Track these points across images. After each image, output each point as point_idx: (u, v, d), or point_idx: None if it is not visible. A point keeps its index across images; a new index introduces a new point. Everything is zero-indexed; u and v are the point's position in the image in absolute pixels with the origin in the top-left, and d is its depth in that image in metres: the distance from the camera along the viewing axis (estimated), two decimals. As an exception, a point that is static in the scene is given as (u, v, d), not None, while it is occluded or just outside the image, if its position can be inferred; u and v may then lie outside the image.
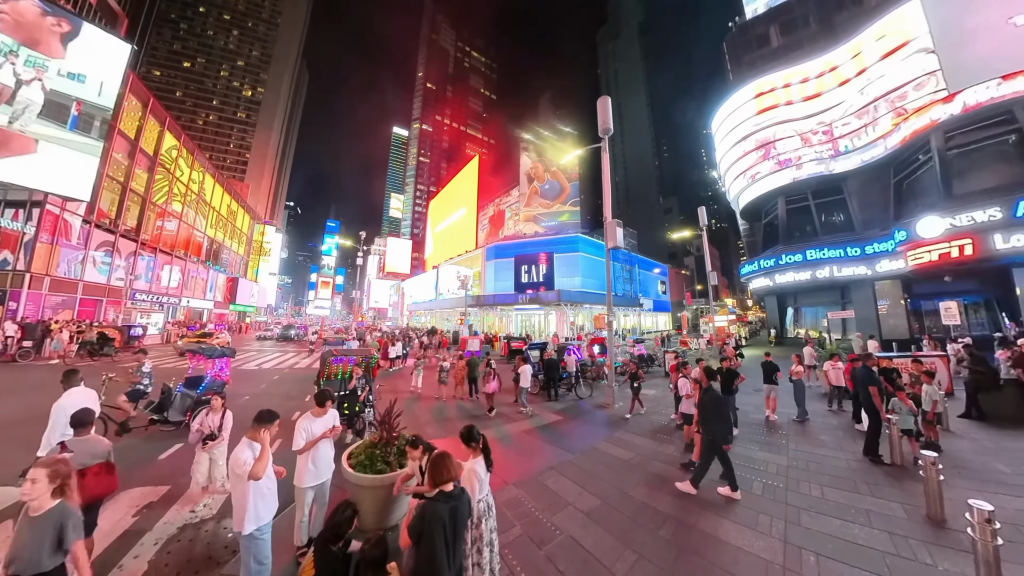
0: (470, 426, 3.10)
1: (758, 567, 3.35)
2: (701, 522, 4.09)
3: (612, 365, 10.27)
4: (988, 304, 16.56)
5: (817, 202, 21.90)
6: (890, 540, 3.73)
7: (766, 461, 5.83)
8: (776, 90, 23.22)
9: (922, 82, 17.72)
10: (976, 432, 6.95)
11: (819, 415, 8.40)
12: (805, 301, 24.17)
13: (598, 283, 30.65)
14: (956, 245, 14.52)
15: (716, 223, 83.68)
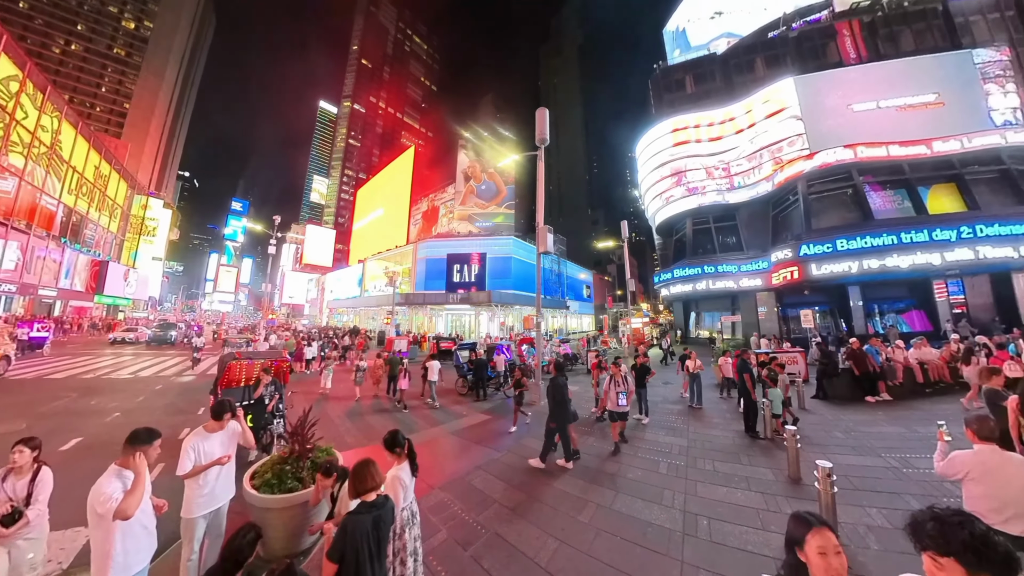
0: (394, 431, 2.96)
1: (663, 536, 3.82)
2: (617, 503, 4.50)
3: (540, 363, 10.64)
4: (832, 312, 20.79)
5: (716, 225, 25.37)
6: (762, 499, 4.56)
7: (671, 444, 6.64)
8: (689, 128, 26.53)
9: (793, 140, 21.81)
10: (823, 409, 8.68)
11: (712, 402, 9.75)
12: (704, 307, 27.86)
13: (529, 285, 31.59)
14: (789, 271, 19.02)
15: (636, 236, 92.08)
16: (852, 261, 17.39)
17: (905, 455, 5.67)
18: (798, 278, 18.69)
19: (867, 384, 9.09)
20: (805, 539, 1.30)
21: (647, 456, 6.04)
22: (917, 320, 19.00)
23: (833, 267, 17.84)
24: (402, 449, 2.86)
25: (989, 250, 16.16)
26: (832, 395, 9.40)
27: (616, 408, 6.28)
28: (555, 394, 5.80)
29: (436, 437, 7.20)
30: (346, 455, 3.42)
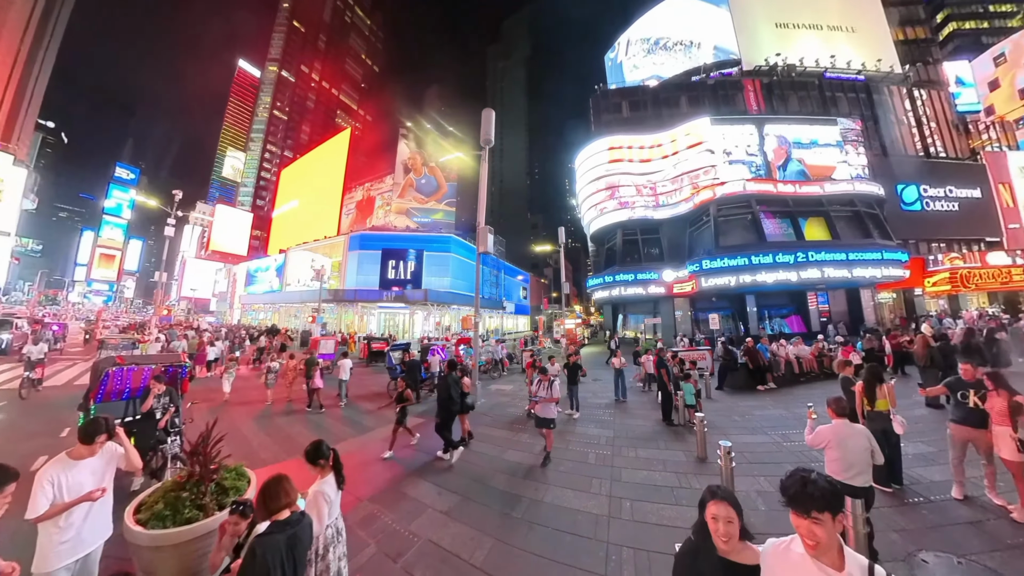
0: (317, 442, 2.70)
1: (591, 521, 4.10)
2: (549, 495, 4.69)
3: (476, 364, 10.61)
4: (734, 316, 23.93)
5: (643, 237, 27.75)
6: (676, 478, 5.18)
7: (599, 435, 7.13)
8: (623, 148, 28.81)
9: (708, 170, 24.89)
10: (724, 399, 10.01)
11: (635, 394, 10.69)
12: (631, 310, 30.20)
13: (466, 285, 31.41)
14: (689, 283, 22.58)
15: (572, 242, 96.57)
16: (731, 276, 20.95)
17: (785, 432, 6.86)
18: (694, 290, 22.36)
19: (758, 375, 10.78)
20: (707, 504, 1.56)
21: (577, 448, 6.41)
22: (796, 323, 22.80)
23: (716, 280, 21.39)
24: (327, 461, 2.63)
25: (838, 272, 20.44)
26: (732, 386, 10.93)
27: (544, 415, 6.15)
28: (440, 390, 6.24)
29: (365, 444, 6.80)
30: (261, 473, 3.04)
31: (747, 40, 31.49)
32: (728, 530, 1.49)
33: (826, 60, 30.99)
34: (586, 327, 39.05)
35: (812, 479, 1.44)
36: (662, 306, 25.81)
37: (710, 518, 1.54)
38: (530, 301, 54.17)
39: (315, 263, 26.98)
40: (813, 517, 1.36)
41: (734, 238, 22.83)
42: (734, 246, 22.00)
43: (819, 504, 1.36)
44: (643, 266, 26.15)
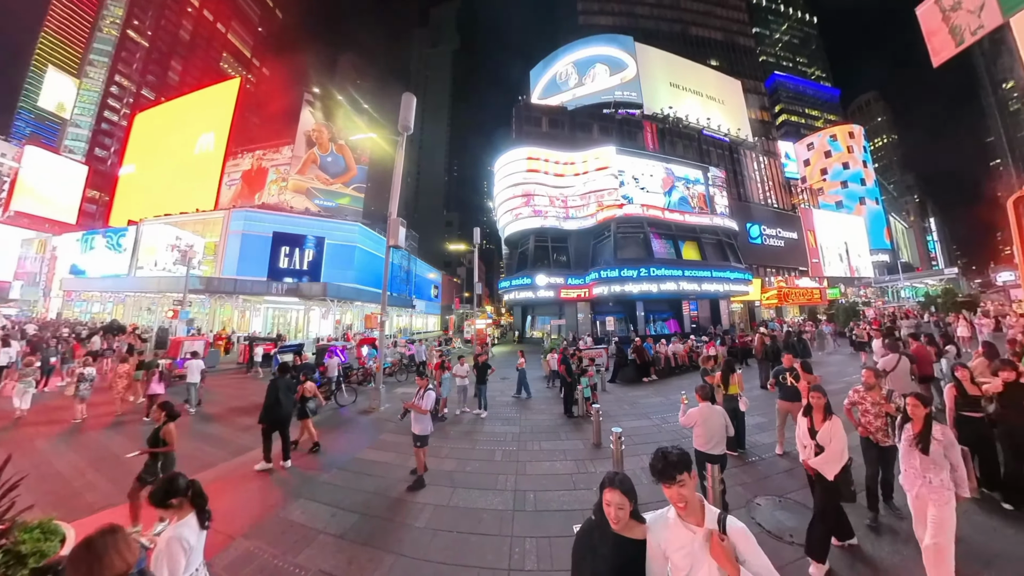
0: (170, 476, 2.17)
1: (496, 518, 4.13)
2: (454, 498, 4.60)
3: (381, 366, 9.90)
4: (626, 319, 26.99)
5: (553, 245, 29.58)
6: (575, 465, 5.57)
7: (506, 432, 7.25)
8: (540, 160, 30.47)
9: (611, 191, 28.09)
10: (616, 390, 11.16)
11: (542, 391, 11.24)
12: (538, 311, 31.79)
13: (373, 280, 29.23)
14: (584, 289, 25.40)
15: (486, 243, 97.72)
16: (626, 284, 23.88)
17: (664, 415, 7.99)
18: (589, 296, 25.52)
19: (644, 369, 12.40)
20: (603, 491, 1.69)
21: (485, 447, 6.42)
22: (673, 326, 26.92)
23: (613, 287, 24.12)
24: (184, 497, 2.09)
25: (706, 286, 25.07)
26: (623, 379, 12.32)
27: (416, 430, 5.07)
28: (268, 393, 5.71)
29: (236, 468, 5.61)
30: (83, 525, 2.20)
31: (648, 91, 38.68)
32: (618, 515, 1.64)
33: (704, 120, 40.18)
34: (496, 327, 39.82)
35: (668, 451, 1.70)
36: (567, 309, 27.79)
37: (605, 503, 1.67)
38: (441, 300, 53.08)
39: (181, 242, 21.22)
40: (678, 481, 1.62)
41: (629, 252, 25.92)
42: (629, 259, 25.03)
43: (679, 468, 1.63)
44: (552, 271, 27.75)
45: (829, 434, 3.27)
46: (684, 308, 27.20)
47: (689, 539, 1.62)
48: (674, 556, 1.64)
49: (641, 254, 25.81)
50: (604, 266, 24.72)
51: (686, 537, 1.63)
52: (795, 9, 76.04)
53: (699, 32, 53.02)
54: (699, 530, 1.61)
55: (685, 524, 1.65)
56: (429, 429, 5.12)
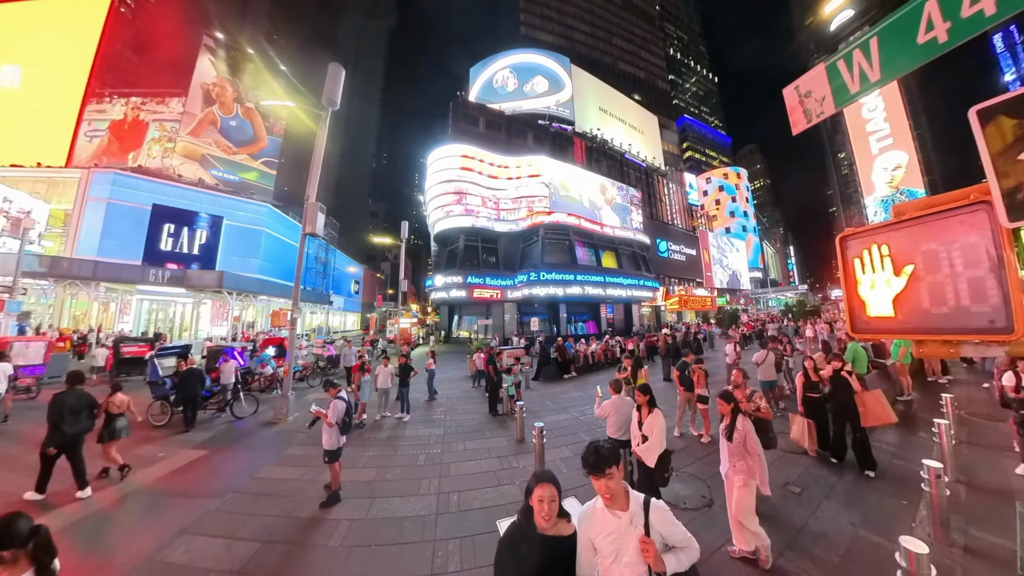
0: (7, 518, 1.62)
1: (419, 525, 4.00)
2: (373, 510, 4.32)
3: (291, 371, 8.76)
4: (549, 320, 28.13)
5: (483, 245, 29.59)
6: (499, 462, 5.64)
7: (430, 435, 7.04)
8: (475, 160, 30.34)
9: (541, 199, 29.39)
10: (540, 388, 11.60)
11: (467, 390, 11.16)
12: (465, 311, 31.57)
13: (283, 271, 26.27)
14: (497, 291, 26.18)
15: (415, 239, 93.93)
16: (551, 287, 24.89)
17: (582, 409, 8.53)
18: (500, 297, 26.25)
19: (565, 367, 13.19)
20: (533, 490, 1.71)
21: (407, 452, 6.16)
22: (592, 327, 28.86)
23: (539, 290, 24.89)
24: (19, 550, 1.60)
25: (621, 292, 27.43)
26: (546, 377, 12.89)
27: (330, 446, 4.56)
28: (50, 412, 4.52)
29: (104, 504, 4.50)
30: None
31: (580, 111, 41.52)
32: (551, 508, 1.68)
33: (626, 146, 44.60)
34: (422, 327, 38.44)
35: (600, 446, 1.77)
36: (494, 309, 28.05)
37: (536, 500, 1.69)
38: (362, 297, 49.73)
39: (9, 205, 15.85)
40: (607, 474, 1.70)
41: (555, 257, 27.18)
42: (555, 264, 26.23)
43: (609, 462, 1.71)
44: (481, 271, 27.77)
45: (651, 426, 3.73)
46: (602, 311, 29.47)
47: (615, 524, 1.72)
48: (601, 543, 1.72)
49: (566, 259, 27.31)
50: (532, 269, 25.54)
51: (613, 523, 1.72)
52: (702, 67, 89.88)
53: (626, 68, 60.32)
54: (624, 515, 1.72)
55: (612, 512, 1.74)
56: (339, 442, 4.60)
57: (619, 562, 1.68)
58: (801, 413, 5.49)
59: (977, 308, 1.47)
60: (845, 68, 2.04)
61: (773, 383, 7.38)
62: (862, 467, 4.86)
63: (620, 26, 63.23)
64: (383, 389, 8.27)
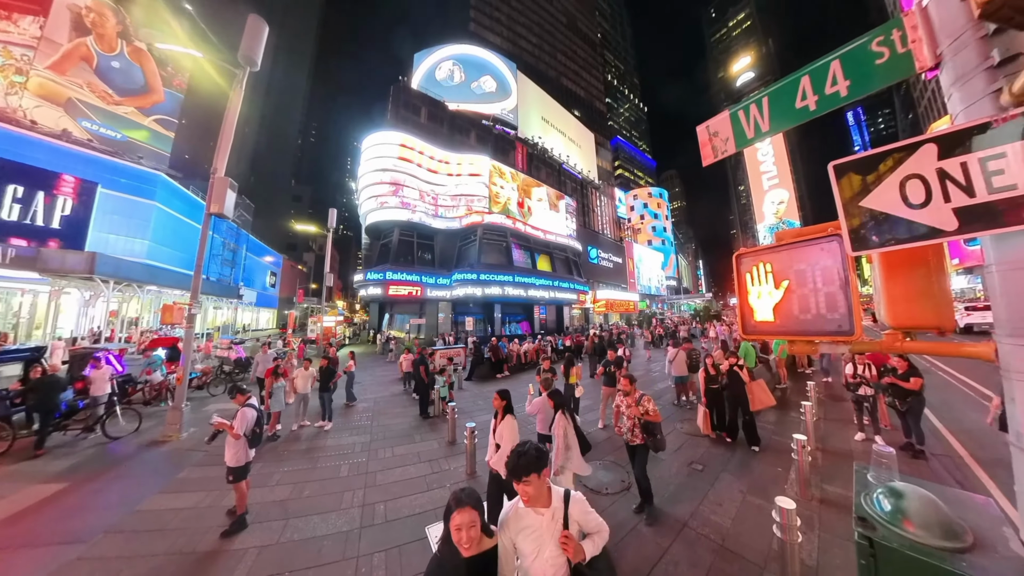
0: None
1: (340, 542, 3.72)
2: (287, 533, 3.92)
3: (185, 377, 7.35)
4: (484, 320, 28.23)
5: (419, 241, 28.67)
6: (429, 466, 5.51)
7: (354, 443, 6.61)
8: (415, 151, 29.14)
9: (481, 198, 29.49)
10: (472, 388, 11.61)
11: (398, 394, 10.68)
12: (398, 309, 30.21)
13: (181, 257, 22.63)
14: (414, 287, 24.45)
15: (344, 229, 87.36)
16: (487, 287, 25.09)
17: (515, 407, 8.54)
18: (419, 295, 24.87)
19: (498, 366, 13.45)
20: (451, 516, 1.63)
21: (328, 464, 5.69)
22: (525, 327, 29.63)
23: (475, 289, 24.87)
24: None
25: (555, 294, 28.58)
26: (479, 376, 12.99)
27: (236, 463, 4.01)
28: None
29: None
30: None
31: (524, 118, 42.59)
32: (471, 535, 1.60)
33: (564, 157, 46.44)
34: (348, 325, 35.94)
35: (523, 452, 1.78)
36: (427, 308, 27.28)
37: (454, 528, 1.60)
38: (280, 291, 44.88)
39: None
40: (524, 481, 1.73)
41: (492, 258, 27.45)
42: (492, 264, 26.50)
43: (527, 470, 1.72)
44: (416, 268, 26.88)
45: (502, 434, 3.70)
46: (535, 312, 30.46)
47: (538, 522, 1.76)
48: (523, 543, 1.75)
49: (503, 261, 27.74)
50: (469, 268, 25.50)
51: (535, 521, 1.77)
52: (635, 96, 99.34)
53: (569, 85, 63.70)
54: (546, 511, 1.78)
55: (534, 510, 1.78)
56: (248, 457, 4.05)
57: (540, 558, 1.72)
58: (704, 404, 6.37)
59: (830, 315, 1.88)
60: (744, 117, 2.43)
61: (685, 378, 8.40)
62: (750, 443, 5.87)
63: (565, 44, 66.25)
64: (301, 395, 7.58)
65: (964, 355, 1.59)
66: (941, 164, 1.47)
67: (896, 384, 5.41)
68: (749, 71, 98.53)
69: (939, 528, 1.63)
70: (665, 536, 3.67)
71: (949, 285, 1.77)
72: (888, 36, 1.81)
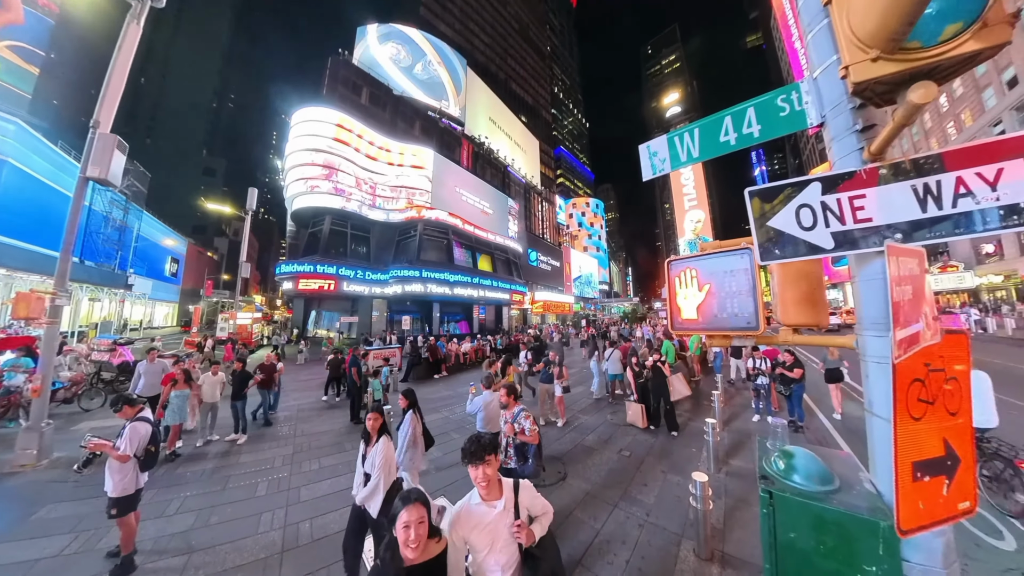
0: None
1: (256, 572, 3.33)
2: (189, 571, 3.36)
3: (45, 388, 5.91)
4: (422, 319, 27.45)
5: (353, 232, 26.77)
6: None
7: (274, 457, 5.95)
8: (353, 134, 27.01)
9: (423, 192, 28.80)
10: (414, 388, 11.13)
11: (325, 399, 9.88)
12: (326, 307, 27.87)
13: (41, 231, 18.43)
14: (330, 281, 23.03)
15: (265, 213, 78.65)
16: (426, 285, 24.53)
17: (452, 407, 8.71)
18: (334, 289, 23.19)
19: (436, 366, 13.27)
20: (399, 515, 1.57)
21: (242, 483, 5.03)
22: (464, 327, 29.52)
23: (414, 287, 24.15)
24: None
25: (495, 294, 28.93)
26: (416, 377, 12.68)
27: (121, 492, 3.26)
28: None
29: None
30: None
31: (471, 116, 42.29)
32: (419, 532, 1.56)
33: (510, 160, 47.25)
34: (268, 323, 32.48)
35: (480, 436, 1.91)
36: (361, 305, 25.75)
37: (402, 527, 1.55)
38: (183, 281, 39.03)
39: None
40: (485, 461, 1.80)
41: (432, 255, 26.83)
42: (432, 261, 25.88)
43: (488, 449, 1.83)
44: (348, 261, 25.19)
45: (374, 460, 3.07)
46: (475, 311, 30.36)
47: (490, 515, 1.79)
48: (476, 538, 1.76)
49: (444, 258, 27.25)
50: (408, 265, 24.58)
51: (488, 515, 1.79)
52: (578, 111, 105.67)
53: (517, 90, 64.89)
54: (498, 503, 1.82)
55: (487, 504, 1.82)
56: (136, 484, 3.31)
57: (493, 551, 1.76)
58: (635, 400, 7.06)
59: (741, 314, 2.28)
60: (679, 142, 2.80)
61: (620, 375, 9.06)
62: (670, 429, 6.56)
63: (517, 50, 67.17)
64: (209, 404, 6.59)
65: (836, 345, 2.12)
66: (823, 198, 1.88)
67: (784, 374, 6.71)
68: (676, 105, 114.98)
69: (817, 477, 2.09)
70: (598, 520, 3.98)
71: (825, 293, 2.24)
72: (789, 96, 2.30)
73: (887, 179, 1.75)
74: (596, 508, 4.21)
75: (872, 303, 1.85)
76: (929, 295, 1.68)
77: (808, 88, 2.19)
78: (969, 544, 3.39)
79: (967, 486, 1.68)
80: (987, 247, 27.39)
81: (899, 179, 1.73)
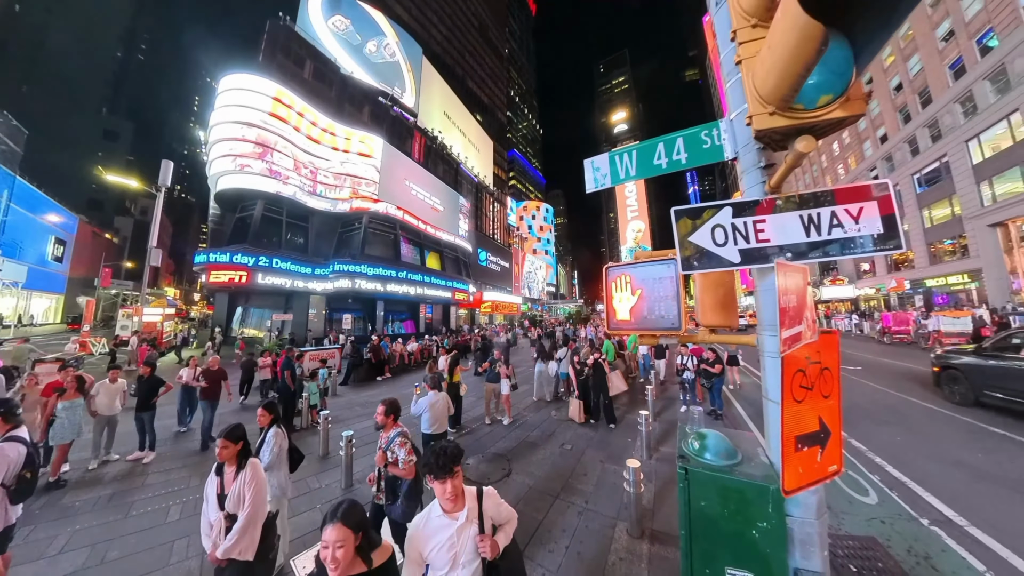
0: None
1: None
2: None
3: None
4: (364, 318, 26.16)
5: (288, 220, 24.53)
6: (295, 486, 4.66)
7: (188, 476, 5.31)
8: (293, 110, 24.50)
9: (370, 183, 27.24)
10: (349, 392, 10.77)
11: (251, 404, 9.12)
12: (255, 302, 25.19)
13: None
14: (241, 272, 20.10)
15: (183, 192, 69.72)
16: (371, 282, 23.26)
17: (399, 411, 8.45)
18: (246, 282, 20.45)
19: (379, 368, 12.77)
20: (322, 535, 1.47)
21: (149, 507, 4.45)
22: (410, 326, 28.68)
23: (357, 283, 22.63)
24: None
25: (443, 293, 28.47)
26: (356, 380, 12.10)
27: None
28: None
29: None
30: None
31: (425, 108, 40.76)
32: (336, 556, 1.42)
33: (463, 157, 46.52)
34: (183, 320, 28.73)
35: (443, 448, 1.74)
36: (296, 302, 23.80)
37: (321, 546, 1.46)
38: (71, 267, 33.12)
39: None
40: (453, 473, 1.69)
41: (378, 250, 25.80)
42: (378, 257, 24.84)
43: (453, 461, 1.71)
44: (283, 252, 23.06)
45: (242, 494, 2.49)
46: (421, 310, 29.72)
47: (452, 528, 1.69)
48: (436, 556, 1.65)
49: (390, 254, 26.32)
50: (351, 259, 23.13)
51: (449, 528, 1.69)
52: (533, 117, 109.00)
53: (474, 88, 64.24)
54: (460, 514, 1.71)
55: (449, 516, 1.71)
56: (6, 520, 2.80)
57: (455, 567, 1.64)
58: (577, 396, 7.52)
59: (667, 316, 2.64)
60: (619, 161, 3.12)
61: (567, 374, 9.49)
62: (608, 422, 7.09)
63: (475, 48, 66.30)
64: (106, 418, 5.70)
65: (741, 343, 2.49)
66: (733, 220, 2.23)
67: (707, 369, 7.62)
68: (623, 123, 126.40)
69: (724, 453, 2.44)
70: (540, 511, 4.19)
71: (736, 299, 2.64)
72: (711, 131, 2.71)
73: (781, 208, 2.13)
74: (539, 501, 4.41)
75: (768, 308, 2.23)
76: (810, 303, 2.07)
77: (726, 127, 2.58)
78: (843, 502, 4.18)
79: (835, 453, 2.10)
80: (864, 265, 32.87)
81: (790, 209, 2.11)
